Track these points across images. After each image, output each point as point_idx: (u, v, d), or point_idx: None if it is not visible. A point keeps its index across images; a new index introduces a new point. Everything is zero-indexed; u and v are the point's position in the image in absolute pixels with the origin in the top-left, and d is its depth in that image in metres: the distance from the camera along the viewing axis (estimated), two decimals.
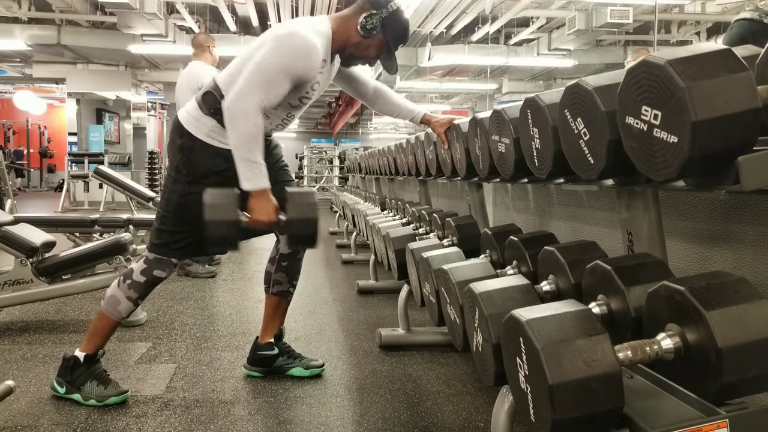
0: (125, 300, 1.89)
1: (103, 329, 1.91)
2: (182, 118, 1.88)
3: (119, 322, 1.93)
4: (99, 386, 1.87)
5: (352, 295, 3.54)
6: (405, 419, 1.78)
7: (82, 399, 1.86)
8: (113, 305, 1.89)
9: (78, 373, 1.88)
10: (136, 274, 1.89)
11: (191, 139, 1.83)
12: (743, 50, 1.08)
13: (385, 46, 1.90)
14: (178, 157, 1.86)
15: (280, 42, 1.72)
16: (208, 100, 1.83)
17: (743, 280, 0.93)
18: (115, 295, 1.89)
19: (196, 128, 1.84)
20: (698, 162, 0.88)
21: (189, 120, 1.86)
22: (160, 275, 1.91)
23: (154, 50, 10.20)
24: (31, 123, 18.09)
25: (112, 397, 1.85)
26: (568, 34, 8.93)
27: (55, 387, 1.91)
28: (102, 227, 4.11)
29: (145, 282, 1.89)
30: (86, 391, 1.86)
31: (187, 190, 1.83)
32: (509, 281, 1.27)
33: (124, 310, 1.90)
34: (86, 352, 1.90)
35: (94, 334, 1.91)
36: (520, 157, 1.51)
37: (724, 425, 0.88)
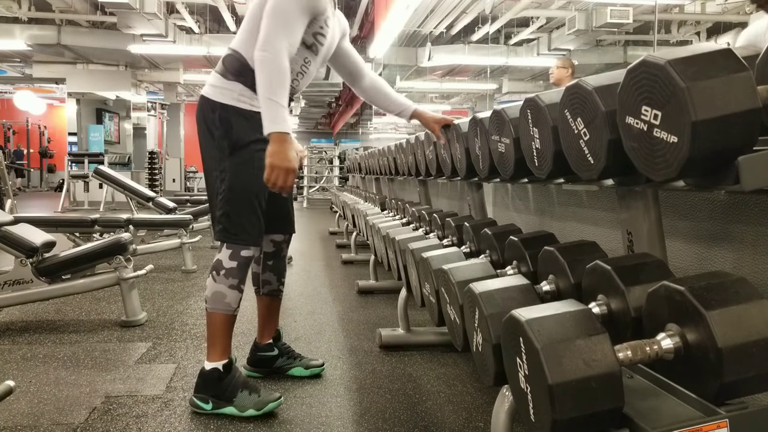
0: (229, 290, 1.80)
1: (222, 329, 1.82)
2: (207, 93, 1.82)
3: (234, 315, 1.84)
4: (252, 394, 1.79)
5: (352, 295, 3.54)
6: (405, 419, 1.78)
7: (237, 411, 1.76)
8: (220, 300, 1.80)
9: (225, 384, 1.78)
10: (226, 262, 1.80)
11: (224, 109, 1.77)
12: (743, 50, 1.08)
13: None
14: (216, 134, 1.78)
15: None
16: (230, 63, 1.79)
17: (743, 280, 0.93)
18: (217, 291, 1.80)
19: (225, 96, 1.77)
20: (698, 162, 0.88)
21: (215, 91, 1.80)
22: (250, 254, 1.83)
23: (154, 50, 10.21)
24: (31, 123, 18.10)
25: (270, 403, 1.78)
26: (568, 34, 8.92)
27: (198, 404, 1.79)
28: (102, 227, 4.11)
29: (238, 265, 1.80)
30: (240, 402, 1.77)
31: (237, 162, 1.77)
32: (509, 281, 1.27)
33: (233, 301, 1.82)
34: (223, 361, 1.81)
35: (215, 339, 1.81)
36: (520, 157, 1.51)
37: (724, 425, 0.88)
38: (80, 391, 1.96)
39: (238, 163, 1.77)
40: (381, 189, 5.26)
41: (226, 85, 1.78)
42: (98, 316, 2.98)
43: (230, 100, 1.77)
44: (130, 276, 2.81)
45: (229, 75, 1.79)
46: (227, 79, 1.78)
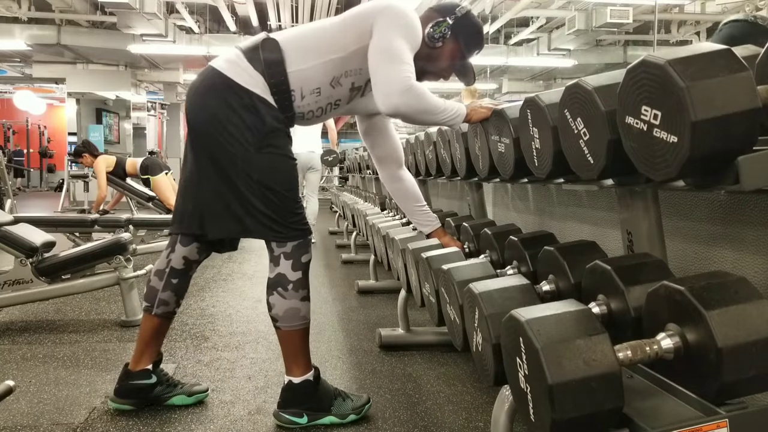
0: (301, 303, 1.69)
1: (303, 343, 1.73)
2: (230, 72, 1.61)
3: (309, 325, 1.76)
4: (346, 400, 1.76)
5: (352, 295, 3.54)
6: (405, 419, 1.78)
7: (339, 419, 1.72)
8: (295, 316, 1.69)
9: (320, 394, 1.73)
10: (290, 275, 1.67)
11: (250, 97, 1.60)
12: (743, 50, 1.08)
13: (458, 54, 1.81)
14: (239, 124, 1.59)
15: (402, 17, 1.65)
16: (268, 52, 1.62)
17: (743, 280, 0.93)
18: (290, 308, 1.68)
19: (250, 82, 1.60)
20: (698, 162, 0.88)
21: (239, 73, 1.61)
22: (309, 257, 1.72)
23: (154, 50, 10.20)
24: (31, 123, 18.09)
25: (365, 405, 1.77)
26: (567, 34, 8.93)
27: (291, 420, 1.70)
28: (102, 227, 4.11)
29: (303, 274, 1.70)
30: (339, 410, 1.73)
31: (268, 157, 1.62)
32: (509, 281, 1.27)
33: (307, 312, 1.72)
34: (311, 372, 1.74)
35: (298, 353, 1.72)
36: (519, 157, 1.51)
37: (724, 425, 0.88)
38: (80, 391, 1.96)
39: (271, 157, 1.62)
40: (381, 189, 5.26)
41: (250, 71, 1.61)
42: (98, 316, 2.98)
43: (255, 87, 1.61)
44: (130, 276, 2.81)
45: (256, 62, 1.62)
46: (253, 66, 1.62)
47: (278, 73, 1.62)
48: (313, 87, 1.66)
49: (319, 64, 1.64)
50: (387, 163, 2.07)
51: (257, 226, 1.64)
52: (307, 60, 1.64)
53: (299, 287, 1.69)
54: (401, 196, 2.10)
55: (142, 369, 1.82)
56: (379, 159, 2.07)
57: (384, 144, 2.04)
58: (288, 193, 1.66)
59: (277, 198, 1.63)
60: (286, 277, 1.67)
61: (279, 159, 1.64)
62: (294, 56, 1.63)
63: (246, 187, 1.61)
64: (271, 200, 1.63)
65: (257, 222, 1.64)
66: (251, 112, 1.59)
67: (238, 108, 1.59)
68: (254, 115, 1.59)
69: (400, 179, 2.07)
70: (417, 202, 2.09)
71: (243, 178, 1.61)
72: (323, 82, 1.66)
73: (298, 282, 1.68)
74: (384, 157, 2.06)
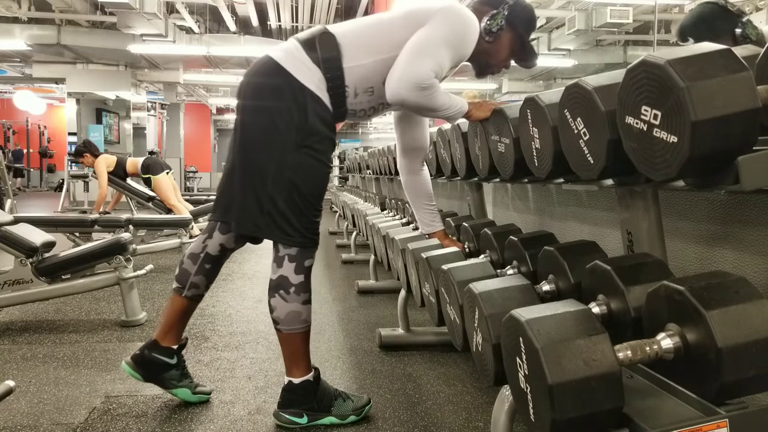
0: (303, 306, 1.68)
1: (303, 345, 1.73)
2: (287, 65, 1.59)
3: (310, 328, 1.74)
4: (347, 401, 1.76)
5: (352, 295, 3.54)
6: (405, 419, 1.78)
7: (339, 420, 1.72)
8: (296, 319, 1.68)
9: (320, 395, 1.73)
10: (293, 278, 1.66)
11: (303, 93, 1.58)
12: (743, 50, 1.08)
13: (518, 42, 1.78)
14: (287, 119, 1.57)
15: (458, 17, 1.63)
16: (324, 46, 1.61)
17: (743, 280, 0.93)
18: (291, 311, 1.67)
19: (306, 76, 1.58)
20: (698, 162, 0.88)
21: (296, 66, 1.59)
22: (312, 262, 1.71)
23: (154, 50, 10.20)
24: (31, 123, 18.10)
25: (366, 406, 1.77)
26: (567, 34, 8.93)
27: (291, 420, 1.71)
28: (102, 227, 4.11)
29: (305, 278, 1.69)
30: (339, 411, 1.73)
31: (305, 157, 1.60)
32: (509, 281, 1.27)
33: (308, 315, 1.71)
34: (311, 373, 1.74)
35: (298, 355, 1.72)
36: (519, 157, 1.51)
37: (723, 425, 0.88)
38: (80, 391, 1.96)
39: (307, 159, 1.60)
40: (381, 189, 5.26)
41: (308, 63, 1.59)
42: (98, 316, 2.98)
43: (310, 83, 1.59)
44: (130, 276, 2.81)
45: (313, 55, 1.60)
46: (311, 59, 1.60)
47: (335, 68, 1.61)
48: (367, 86, 1.65)
49: (375, 61, 1.62)
50: (411, 154, 2.05)
51: (269, 226, 1.63)
52: (364, 57, 1.62)
53: (301, 291, 1.68)
54: (414, 190, 2.09)
55: (168, 346, 1.83)
56: (405, 149, 2.05)
57: (415, 135, 2.03)
58: (312, 198, 1.65)
59: (301, 200, 1.62)
60: (288, 280, 1.66)
61: (315, 162, 1.62)
62: (351, 52, 1.62)
63: (274, 181, 1.60)
64: (294, 201, 1.61)
65: (271, 221, 1.62)
66: (300, 109, 1.58)
67: (289, 102, 1.58)
68: (302, 113, 1.58)
69: (418, 173, 2.07)
70: (428, 200, 2.09)
71: (273, 173, 1.59)
72: (377, 81, 1.64)
73: (301, 285, 1.68)
74: (411, 148, 2.04)
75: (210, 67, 11.73)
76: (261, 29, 11.16)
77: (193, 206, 6.01)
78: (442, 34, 1.60)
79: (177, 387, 1.84)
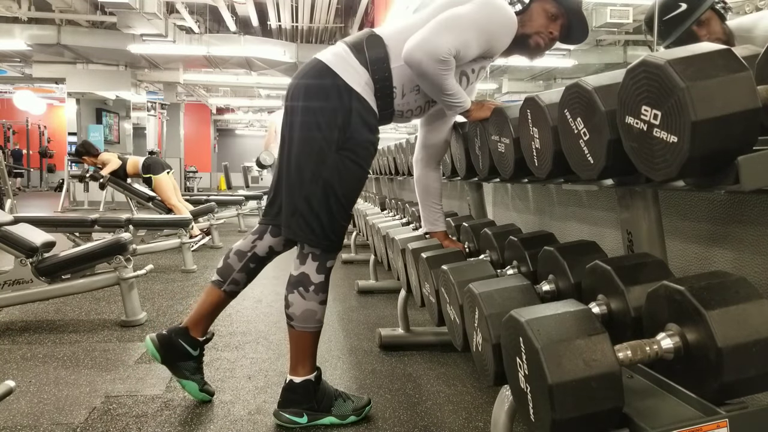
0: (319, 306, 1.70)
1: (312, 345, 1.74)
2: (336, 66, 1.60)
3: (321, 329, 1.76)
4: (347, 401, 1.76)
5: (352, 295, 3.54)
6: (405, 419, 1.78)
7: (338, 420, 1.73)
8: (311, 318, 1.69)
9: (320, 395, 1.74)
10: (314, 277, 1.68)
11: (350, 94, 1.59)
12: (743, 50, 1.08)
13: (556, 9, 1.70)
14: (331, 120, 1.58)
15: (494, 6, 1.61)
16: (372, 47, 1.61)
17: (743, 280, 0.93)
18: (307, 309, 1.68)
19: (353, 78, 1.59)
20: (698, 162, 0.88)
21: (344, 67, 1.60)
22: (333, 263, 1.73)
23: (154, 50, 10.21)
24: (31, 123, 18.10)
25: (366, 407, 1.78)
26: None
27: (291, 419, 1.71)
28: (102, 227, 4.11)
29: (325, 278, 1.70)
30: (339, 411, 1.74)
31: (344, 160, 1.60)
32: (509, 281, 1.27)
33: (323, 315, 1.73)
34: (314, 373, 1.75)
35: (305, 354, 1.72)
36: (519, 157, 1.51)
37: (724, 425, 0.88)
38: (80, 391, 1.96)
39: (346, 162, 1.61)
40: (381, 189, 5.26)
41: (356, 66, 1.61)
42: (98, 316, 2.98)
43: (357, 85, 1.60)
44: (130, 276, 2.81)
45: (361, 57, 1.61)
46: (359, 61, 1.61)
47: (382, 69, 1.62)
48: (413, 85, 1.66)
49: None
50: (430, 151, 2.03)
51: (299, 227, 1.65)
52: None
53: (320, 290, 1.70)
54: (425, 186, 2.06)
55: (195, 337, 1.85)
56: (426, 145, 2.02)
57: (439, 133, 2.00)
58: (346, 201, 1.66)
59: (335, 202, 1.63)
60: (309, 278, 1.68)
61: (353, 166, 1.63)
62: (397, 50, 1.61)
63: (311, 181, 1.61)
64: (328, 202, 1.62)
65: (302, 220, 1.64)
66: (345, 111, 1.59)
67: (335, 102, 1.59)
68: (346, 115, 1.59)
69: (432, 171, 2.05)
70: (436, 199, 2.08)
71: (312, 171, 1.60)
72: None
73: (320, 285, 1.69)
74: (432, 145, 2.02)
75: (210, 67, 11.73)
76: (261, 29, 11.16)
77: (193, 206, 6.01)
78: (476, 18, 1.58)
79: (188, 378, 1.85)
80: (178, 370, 1.85)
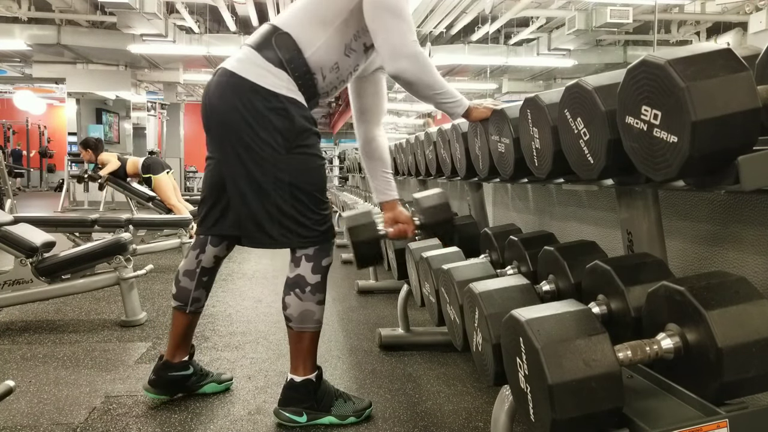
0: (317, 306, 1.71)
1: (312, 345, 1.74)
2: (250, 75, 1.58)
3: (320, 329, 1.76)
4: (347, 402, 1.76)
5: (352, 295, 3.54)
6: (405, 419, 1.78)
7: (338, 420, 1.72)
8: (309, 319, 1.70)
9: (321, 394, 1.74)
10: (310, 277, 1.68)
11: (277, 99, 1.57)
12: (743, 50, 1.08)
13: None
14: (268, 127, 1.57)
15: None
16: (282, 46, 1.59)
17: (743, 280, 0.93)
18: (305, 310, 1.68)
19: (274, 83, 1.58)
20: (698, 162, 0.88)
21: (260, 75, 1.58)
22: (330, 261, 1.73)
23: (154, 50, 10.20)
24: (31, 123, 18.09)
25: (366, 409, 1.78)
26: (567, 34, 8.92)
27: (290, 418, 1.70)
28: (102, 227, 4.11)
29: (322, 278, 1.70)
30: (339, 411, 1.74)
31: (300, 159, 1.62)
32: (509, 281, 1.27)
33: (321, 316, 1.74)
34: (315, 372, 1.75)
35: (306, 354, 1.73)
36: (519, 157, 1.51)
37: (724, 425, 0.88)
38: (80, 391, 1.96)
39: (301, 158, 1.61)
40: None
41: (272, 71, 1.58)
42: (98, 316, 2.98)
43: (280, 88, 1.58)
44: (130, 276, 2.81)
45: (275, 60, 1.58)
46: (274, 65, 1.58)
47: (300, 65, 1.60)
48: (331, 64, 1.65)
49: (328, 37, 1.61)
50: (368, 115, 1.96)
51: (283, 235, 1.64)
52: (318, 37, 1.61)
53: (317, 291, 1.70)
54: (369, 155, 1.97)
55: (181, 361, 1.88)
56: (362, 110, 1.96)
57: (372, 95, 1.94)
58: (317, 192, 1.66)
59: (307, 197, 1.63)
60: (305, 279, 1.68)
61: (310, 158, 1.64)
62: (305, 38, 1.60)
63: (276, 190, 1.60)
64: (300, 201, 1.62)
65: (284, 229, 1.63)
66: (281, 114, 1.58)
67: (265, 111, 1.57)
68: (284, 117, 1.58)
69: (374, 138, 1.96)
70: (384, 166, 1.97)
71: (273, 182, 1.60)
72: (338, 54, 1.64)
73: (317, 285, 1.69)
74: (367, 108, 1.95)
75: (210, 67, 11.72)
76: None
77: (193, 206, 6.01)
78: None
79: (203, 386, 1.93)
80: (189, 389, 1.92)
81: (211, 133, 1.71)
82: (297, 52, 1.59)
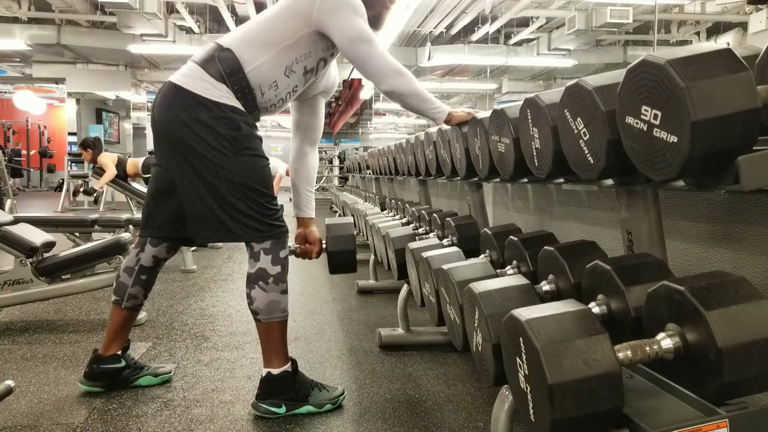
0: (281, 296, 1.78)
1: (282, 335, 1.80)
2: (195, 88, 1.69)
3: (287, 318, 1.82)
4: (322, 391, 1.84)
5: (352, 295, 3.54)
6: (405, 419, 1.78)
7: (316, 409, 1.79)
8: (276, 309, 1.77)
9: (298, 384, 1.80)
10: (271, 269, 1.76)
11: (219, 108, 1.68)
12: (743, 50, 1.08)
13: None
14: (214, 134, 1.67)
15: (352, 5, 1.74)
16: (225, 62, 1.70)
17: (743, 280, 0.93)
18: (271, 300, 1.76)
19: (216, 94, 1.69)
20: (698, 162, 0.88)
21: (204, 88, 1.69)
22: (287, 252, 1.81)
23: (154, 50, 10.21)
24: (31, 123, 18.09)
25: (340, 396, 1.86)
26: (567, 34, 8.93)
27: (270, 410, 1.76)
28: (102, 227, 4.11)
29: (282, 268, 1.78)
30: (316, 400, 1.80)
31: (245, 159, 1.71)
32: (509, 281, 1.27)
33: (287, 305, 1.80)
34: (288, 364, 1.81)
35: (277, 345, 1.79)
36: (519, 157, 1.51)
37: (724, 425, 0.88)
38: (80, 391, 1.96)
39: (248, 159, 1.72)
40: (381, 189, 5.26)
41: (215, 84, 1.69)
42: (98, 316, 2.98)
43: (220, 98, 1.69)
44: None
45: (217, 75, 1.70)
46: (216, 78, 1.70)
47: (239, 79, 1.71)
48: (270, 82, 1.75)
49: (270, 57, 1.72)
50: (302, 132, 2.07)
51: (242, 230, 1.74)
52: (260, 55, 1.72)
53: (279, 280, 1.77)
54: (299, 172, 2.08)
55: (112, 354, 1.96)
56: (298, 125, 2.07)
57: (309, 114, 2.05)
58: (266, 190, 1.77)
59: (257, 196, 1.74)
60: (266, 271, 1.76)
61: (255, 159, 1.75)
62: (247, 56, 1.72)
63: (229, 191, 1.70)
64: (253, 199, 1.73)
65: (242, 224, 1.73)
66: (225, 121, 1.69)
67: (210, 121, 1.68)
68: (228, 124, 1.69)
69: (306, 155, 2.08)
70: (309, 185, 2.10)
71: (225, 183, 1.70)
72: (278, 74, 1.74)
73: (278, 275, 1.77)
74: (303, 126, 2.06)
75: None
76: None
77: None
78: (348, 13, 1.70)
79: (138, 379, 1.99)
80: (125, 382, 1.97)
81: (161, 144, 1.80)
82: (237, 67, 1.71)
